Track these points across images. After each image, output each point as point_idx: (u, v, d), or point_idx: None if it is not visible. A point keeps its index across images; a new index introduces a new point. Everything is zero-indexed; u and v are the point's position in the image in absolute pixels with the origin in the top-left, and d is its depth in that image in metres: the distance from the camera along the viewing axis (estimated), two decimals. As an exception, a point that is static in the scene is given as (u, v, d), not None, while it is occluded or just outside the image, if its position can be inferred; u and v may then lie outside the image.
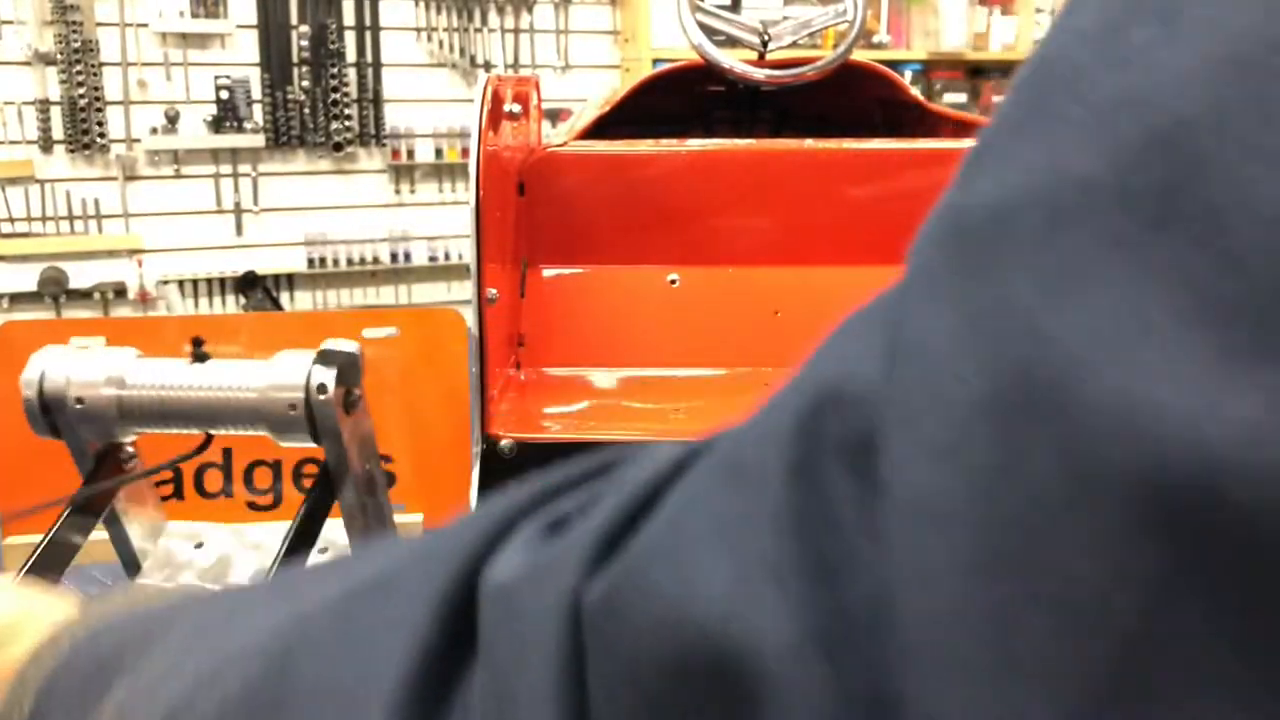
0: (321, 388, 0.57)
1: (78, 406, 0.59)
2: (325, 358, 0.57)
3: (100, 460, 0.62)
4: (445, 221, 3.60)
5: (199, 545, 0.73)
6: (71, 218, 3.23)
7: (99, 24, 3.15)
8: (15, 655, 0.33)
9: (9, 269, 3.19)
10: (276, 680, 0.21)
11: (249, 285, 3.39)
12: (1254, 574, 0.11)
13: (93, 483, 0.62)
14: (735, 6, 3.46)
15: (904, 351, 0.15)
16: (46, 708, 0.31)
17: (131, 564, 0.68)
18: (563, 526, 0.20)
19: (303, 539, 0.60)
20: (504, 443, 0.69)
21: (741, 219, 0.90)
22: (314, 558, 0.70)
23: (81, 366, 0.59)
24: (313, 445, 0.58)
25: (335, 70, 3.34)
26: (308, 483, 0.70)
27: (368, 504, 0.63)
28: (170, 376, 0.59)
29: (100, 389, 0.59)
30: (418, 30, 3.47)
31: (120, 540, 0.67)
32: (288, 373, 0.58)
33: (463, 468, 0.79)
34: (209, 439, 0.64)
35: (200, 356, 0.59)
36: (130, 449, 0.63)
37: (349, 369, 0.58)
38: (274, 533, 0.72)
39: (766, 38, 1.09)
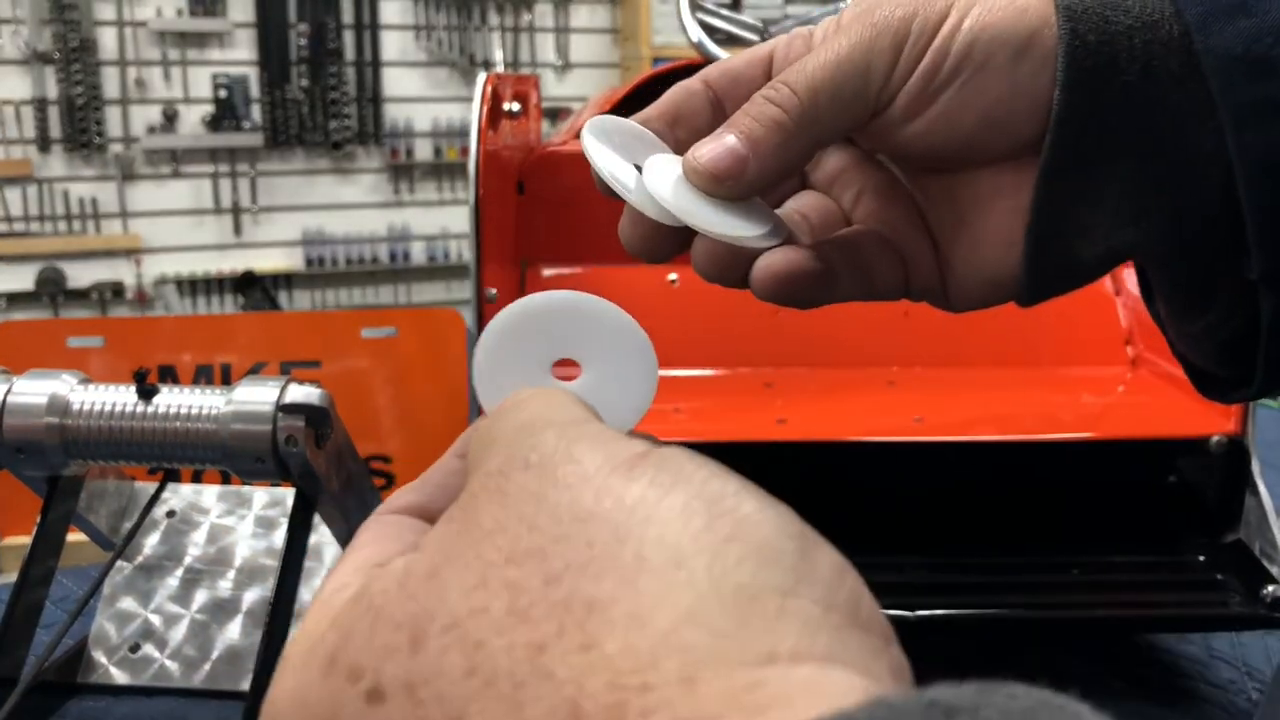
0: (291, 440, 0.54)
1: (13, 438, 0.55)
2: (291, 409, 0.54)
3: (54, 484, 0.60)
4: (444, 221, 3.59)
5: (170, 513, 0.72)
6: (69, 217, 3.22)
7: (97, 23, 3.14)
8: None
9: (6, 269, 3.19)
10: None
11: (247, 285, 3.38)
12: None
13: (48, 512, 0.59)
14: (736, 5, 3.45)
15: None
16: None
17: (105, 542, 0.67)
18: None
19: (294, 553, 0.60)
20: (503, 443, 0.68)
21: (742, 218, 0.90)
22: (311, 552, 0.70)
23: (19, 393, 0.55)
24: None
25: (334, 69, 3.33)
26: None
27: (348, 502, 0.62)
28: (120, 407, 0.55)
29: (41, 418, 0.55)
30: (416, 29, 3.46)
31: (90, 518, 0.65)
32: (249, 419, 0.54)
33: (462, 468, 0.78)
34: (167, 476, 0.62)
35: (146, 392, 0.55)
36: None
37: (317, 417, 0.55)
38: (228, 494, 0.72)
39: (767, 36, 1.08)
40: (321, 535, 0.69)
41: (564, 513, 0.19)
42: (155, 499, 0.63)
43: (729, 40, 1.08)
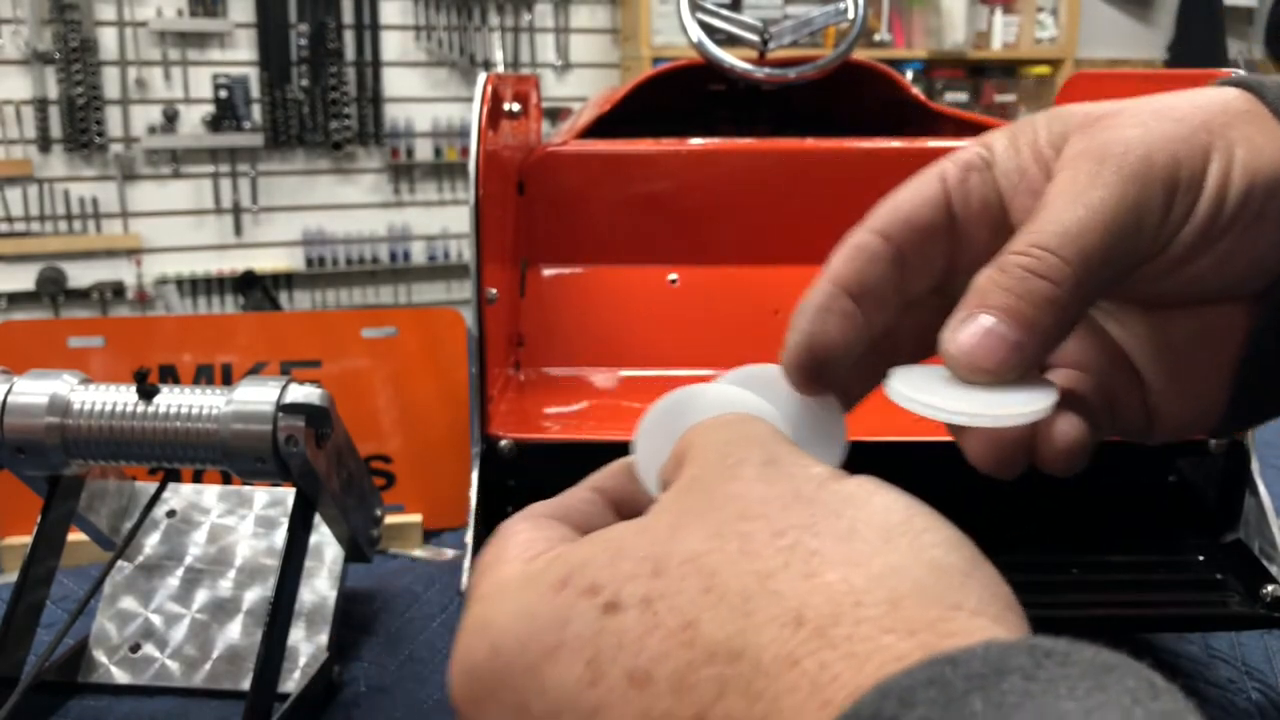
0: (291, 440, 0.54)
1: (14, 438, 0.55)
2: (291, 409, 0.54)
3: (54, 484, 0.60)
4: (444, 221, 3.59)
5: (171, 513, 0.72)
6: (70, 217, 3.22)
7: (97, 23, 3.14)
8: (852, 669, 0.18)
9: (7, 269, 3.19)
10: None
11: (247, 285, 3.38)
12: None
13: (48, 511, 0.59)
14: (736, 5, 3.45)
15: None
16: None
17: (105, 542, 0.67)
18: None
19: (294, 553, 0.60)
20: (504, 443, 0.68)
21: (742, 219, 0.90)
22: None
23: (19, 393, 0.55)
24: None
25: (334, 69, 3.33)
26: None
27: (349, 502, 0.62)
28: (121, 407, 0.55)
29: (41, 418, 0.55)
30: (417, 29, 3.46)
31: (90, 517, 0.65)
32: (250, 420, 0.54)
33: (462, 468, 0.78)
34: (167, 476, 0.62)
35: (146, 392, 0.55)
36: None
37: (318, 417, 0.55)
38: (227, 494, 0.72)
39: (767, 36, 1.08)
40: (322, 535, 0.69)
41: (789, 495, 0.23)
42: (156, 499, 0.63)
43: (729, 40, 1.08)
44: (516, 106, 0.84)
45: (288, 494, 0.70)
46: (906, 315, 0.32)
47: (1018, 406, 0.28)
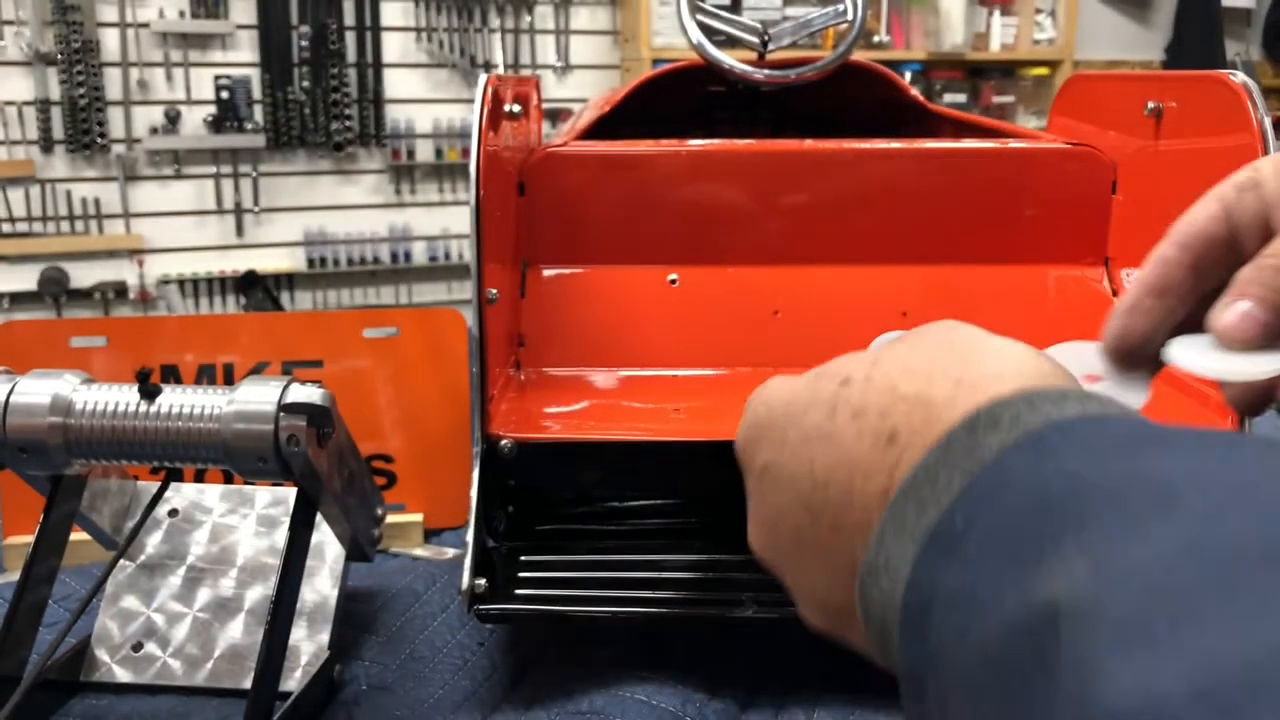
0: (293, 440, 0.54)
1: (16, 438, 0.55)
2: (293, 409, 0.54)
3: (57, 484, 0.60)
4: (445, 221, 3.60)
5: (173, 512, 0.73)
6: (72, 218, 3.23)
7: (99, 24, 3.15)
8: (962, 404, 0.31)
9: (9, 269, 3.20)
10: None
11: (249, 285, 3.39)
12: None
13: (51, 511, 0.59)
14: (735, 7, 3.45)
15: None
16: (976, 510, 0.27)
17: (107, 541, 0.67)
18: None
19: (296, 552, 0.60)
20: (504, 443, 0.68)
21: (741, 219, 0.90)
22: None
23: (22, 393, 0.56)
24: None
25: (335, 70, 3.34)
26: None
27: (350, 501, 0.62)
28: (123, 406, 0.55)
29: (44, 418, 0.55)
30: (418, 30, 3.47)
31: (92, 516, 0.65)
32: (251, 419, 0.54)
33: (463, 468, 0.79)
34: (169, 475, 0.63)
35: (148, 392, 0.55)
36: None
37: (319, 417, 0.55)
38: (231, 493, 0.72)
39: (766, 38, 1.08)
40: (323, 534, 0.69)
41: (961, 337, 0.35)
42: (158, 498, 0.63)
43: (729, 42, 1.08)
44: (517, 108, 0.84)
45: (289, 493, 0.71)
46: (1201, 307, 0.41)
47: (1264, 365, 0.38)
